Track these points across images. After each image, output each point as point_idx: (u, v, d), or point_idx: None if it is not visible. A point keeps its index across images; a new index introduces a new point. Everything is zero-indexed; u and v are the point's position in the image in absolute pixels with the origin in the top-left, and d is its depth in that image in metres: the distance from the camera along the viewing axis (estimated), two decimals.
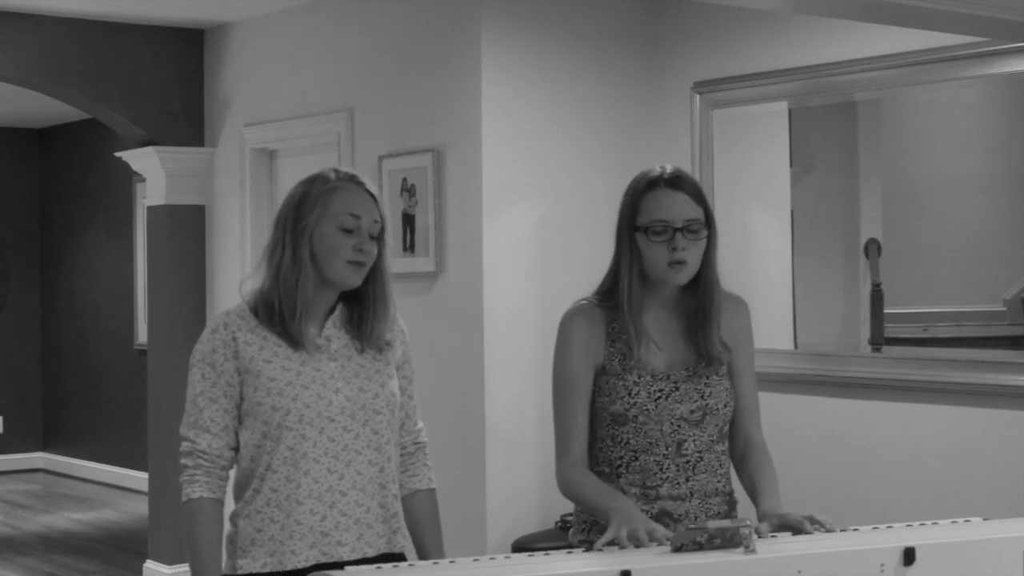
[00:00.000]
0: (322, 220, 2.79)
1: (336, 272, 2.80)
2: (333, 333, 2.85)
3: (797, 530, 2.67)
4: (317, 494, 2.78)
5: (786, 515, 2.72)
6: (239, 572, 2.80)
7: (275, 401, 2.77)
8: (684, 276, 2.90)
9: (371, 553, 2.83)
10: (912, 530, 2.61)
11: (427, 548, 2.97)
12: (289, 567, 2.77)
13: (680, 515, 2.90)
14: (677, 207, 2.86)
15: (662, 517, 2.90)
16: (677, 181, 2.89)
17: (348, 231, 2.79)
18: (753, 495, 2.91)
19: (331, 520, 2.79)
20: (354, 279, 2.81)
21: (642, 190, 2.90)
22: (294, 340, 2.80)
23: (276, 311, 2.80)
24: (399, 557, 2.88)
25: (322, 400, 2.79)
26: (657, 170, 2.93)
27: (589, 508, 2.89)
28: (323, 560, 2.77)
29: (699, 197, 2.90)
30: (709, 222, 2.91)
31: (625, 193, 2.96)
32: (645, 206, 2.88)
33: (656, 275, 2.90)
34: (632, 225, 2.90)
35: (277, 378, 2.78)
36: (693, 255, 2.88)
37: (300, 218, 2.80)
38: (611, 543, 2.59)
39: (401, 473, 2.97)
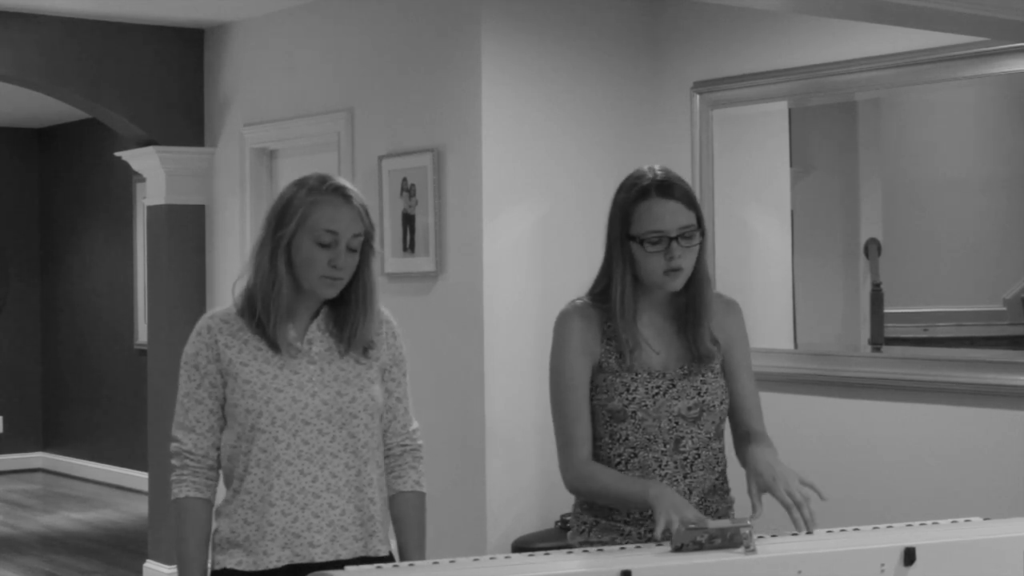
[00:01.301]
0: (299, 232, 2.80)
1: (311, 284, 2.82)
2: (316, 336, 2.87)
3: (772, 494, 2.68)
4: (289, 496, 2.81)
5: (777, 477, 2.75)
6: (217, 567, 2.86)
7: (248, 404, 2.80)
8: (680, 282, 2.90)
9: (345, 555, 2.84)
10: (912, 530, 2.61)
11: (407, 551, 2.97)
12: (262, 567, 2.81)
13: (650, 513, 2.90)
14: (671, 216, 2.85)
15: None
16: (668, 188, 2.87)
17: (324, 246, 2.80)
18: (746, 448, 2.93)
19: (303, 522, 2.81)
20: (328, 292, 2.83)
21: (634, 199, 2.87)
22: (272, 342, 2.83)
23: (258, 312, 2.83)
24: (383, 560, 2.87)
25: (297, 403, 2.81)
26: (647, 176, 2.90)
27: (618, 500, 2.87)
28: (296, 561, 2.80)
29: (690, 202, 2.89)
30: (700, 224, 2.90)
31: (615, 199, 2.93)
32: (638, 216, 2.86)
33: (652, 282, 2.90)
34: (625, 234, 2.88)
35: (252, 381, 2.81)
36: (688, 260, 2.88)
37: (280, 226, 2.82)
38: (666, 532, 2.57)
39: (388, 475, 2.98)
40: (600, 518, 2.96)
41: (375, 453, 2.90)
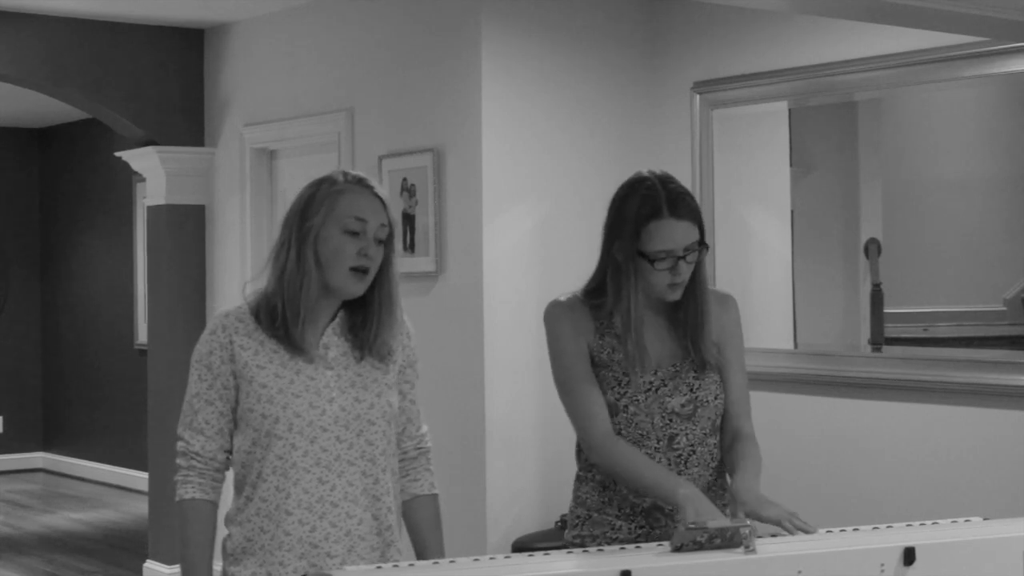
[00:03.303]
0: (327, 222, 2.74)
1: (338, 279, 2.75)
2: (332, 341, 2.80)
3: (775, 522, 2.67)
4: (307, 504, 2.74)
5: (763, 503, 2.71)
6: None
7: (265, 409, 2.74)
8: (679, 293, 2.92)
9: (362, 565, 2.78)
10: (912, 530, 2.61)
11: (428, 553, 2.93)
12: None
13: (671, 509, 2.90)
14: (680, 236, 2.86)
15: (653, 512, 2.92)
16: (679, 207, 2.86)
17: (353, 234, 2.74)
18: (732, 477, 2.90)
19: (321, 531, 2.75)
20: (356, 288, 2.76)
21: (646, 217, 2.86)
22: (295, 346, 2.76)
23: (279, 314, 2.76)
24: None
25: (314, 409, 2.75)
26: (656, 188, 2.88)
27: (643, 487, 2.85)
28: (312, 572, 2.72)
29: (697, 217, 2.90)
30: (703, 236, 2.91)
31: (621, 208, 2.91)
32: (649, 234, 2.86)
33: (652, 294, 2.91)
34: (635, 250, 2.87)
35: (269, 385, 2.74)
36: (688, 271, 2.91)
37: (306, 220, 2.76)
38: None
39: (403, 478, 2.94)
40: (592, 511, 2.97)
41: (391, 461, 2.86)
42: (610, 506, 2.95)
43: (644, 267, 2.87)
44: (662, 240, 2.85)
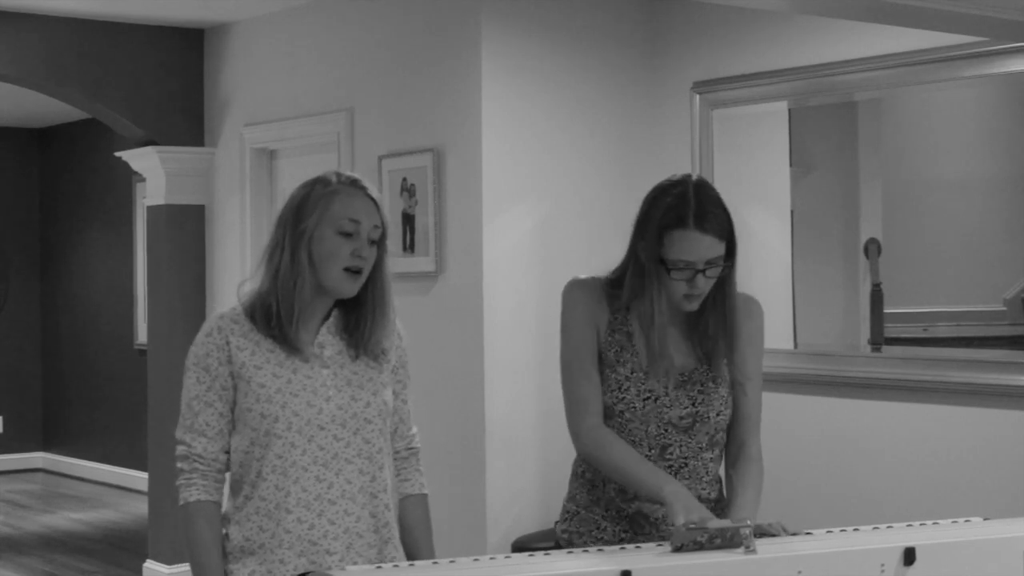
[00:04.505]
0: (321, 224, 2.76)
1: (332, 279, 2.77)
2: (327, 340, 2.82)
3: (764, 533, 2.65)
4: (305, 503, 2.76)
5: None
6: None
7: (264, 408, 2.75)
8: (696, 305, 2.88)
9: (361, 563, 2.80)
10: (912, 530, 2.61)
11: (419, 553, 2.95)
12: None
13: (657, 518, 2.88)
14: (703, 250, 2.80)
15: (638, 518, 2.90)
16: (706, 220, 2.80)
17: (347, 235, 2.76)
18: (730, 501, 2.87)
19: (319, 529, 2.77)
20: (350, 288, 2.79)
21: (671, 224, 2.81)
22: (290, 345, 2.78)
23: (274, 314, 2.78)
24: None
25: (312, 408, 2.77)
26: (688, 196, 2.82)
27: (628, 482, 2.83)
28: (311, 569, 2.74)
29: (725, 233, 2.84)
30: (731, 252, 2.86)
31: (650, 211, 2.86)
32: (671, 242, 2.81)
33: (669, 300, 2.88)
34: (656, 254, 2.84)
35: (267, 385, 2.76)
36: (708, 285, 2.86)
37: (299, 221, 2.78)
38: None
39: (394, 477, 2.96)
40: (581, 508, 2.97)
41: (388, 459, 2.88)
42: (597, 505, 2.95)
43: (663, 273, 2.84)
44: (682, 250, 2.80)
